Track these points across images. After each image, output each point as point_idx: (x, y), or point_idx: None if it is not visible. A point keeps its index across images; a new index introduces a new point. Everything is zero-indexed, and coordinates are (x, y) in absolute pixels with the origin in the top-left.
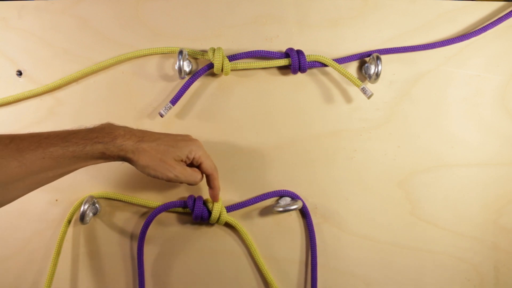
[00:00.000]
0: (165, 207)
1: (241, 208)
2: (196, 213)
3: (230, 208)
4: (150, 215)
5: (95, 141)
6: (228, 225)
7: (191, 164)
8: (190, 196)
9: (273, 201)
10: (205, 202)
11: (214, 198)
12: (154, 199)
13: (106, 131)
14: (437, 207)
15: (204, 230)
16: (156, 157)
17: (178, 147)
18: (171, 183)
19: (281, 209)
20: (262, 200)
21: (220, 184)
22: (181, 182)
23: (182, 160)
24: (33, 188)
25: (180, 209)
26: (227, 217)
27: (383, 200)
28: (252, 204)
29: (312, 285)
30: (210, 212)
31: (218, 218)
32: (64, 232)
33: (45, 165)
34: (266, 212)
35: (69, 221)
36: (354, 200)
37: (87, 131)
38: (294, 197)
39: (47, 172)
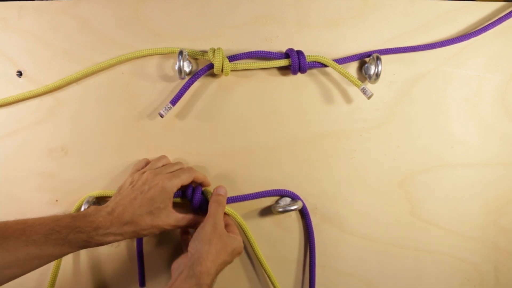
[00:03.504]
0: None
1: (240, 201)
2: (195, 202)
3: (229, 200)
4: None
5: (77, 230)
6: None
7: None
8: (189, 186)
9: (273, 201)
10: (204, 192)
11: (208, 184)
12: None
13: (88, 219)
14: (437, 207)
15: None
16: (148, 224)
17: (155, 203)
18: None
19: (281, 209)
20: (262, 196)
21: (219, 183)
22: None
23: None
24: (18, 275)
25: (178, 200)
26: (226, 208)
27: (383, 200)
28: (251, 199)
29: (310, 285)
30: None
31: None
32: None
33: (29, 252)
34: (266, 212)
35: None
36: (354, 200)
37: (70, 219)
38: (294, 198)
39: (32, 260)
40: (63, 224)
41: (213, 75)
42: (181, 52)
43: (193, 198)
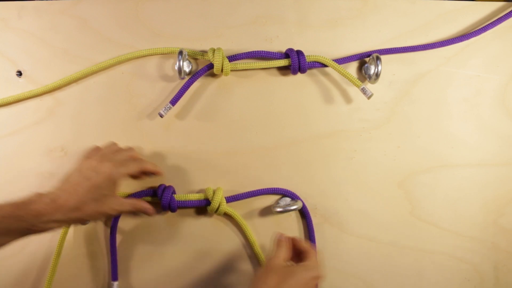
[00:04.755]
0: (136, 196)
1: (240, 199)
2: (164, 202)
3: (228, 199)
4: None
5: (19, 219)
6: (225, 220)
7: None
8: (160, 186)
9: (273, 201)
10: (207, 192)
11: (161, 174)
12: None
13: (30, 207)
14: (437, 207)
15: (203, 220)
16: (93, 210)
17: (101, 190)
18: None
19: (281, 209)
20: (262, 194)
21: (219, 184)
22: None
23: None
24: None
25: (148, 199)
26: (227, 207)
27: (383, 200)
28: (250, 196)
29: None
30: (209, 202)
31: (217, 208)
32: (65, 233)
33: None
34: (266, 212)
35: None
36: (354, 200)
37: (12, 208)
38: (294, 198)
39: None
40: (5, 214)
41: (213, 75)
42: (181, 52)
43: (162, 198)
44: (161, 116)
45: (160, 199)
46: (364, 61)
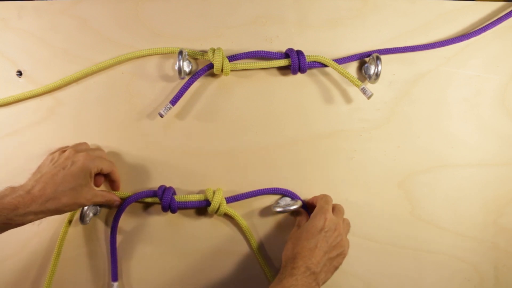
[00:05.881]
0: (136, 197)
1: (240, 200)
2: (164, 202)
3: (228, 200)
4: (122, 205)
5: None
6: (225, 220)
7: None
8: (160, 187)
9: (273, 201)
10: (207, 193)
11: (118, 188)
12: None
13: (4, 201)
14: (437, 207)
15: (204, 221)
16: (70, 200)
17: (78, 179)
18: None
19: (281, 209)
20: (262, 194)
21: (219, 184)
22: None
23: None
24: None
25: (150, 199)
26: (227, 208)
27: (383, 200)
28: (250, 196)
29: None
30: (209, 203)
31: (218, 209)
32: (65, 233)
33: None
34: (266, 212)
35: (70, 221)
36: (354, 201)
37: None
38: (294, 197)
39: None
40: None
41: (213, 75)
42: (181, 52)
43: (163, 199)
44: (161, 116)
45: (161, 200)
46: (364, 61)
